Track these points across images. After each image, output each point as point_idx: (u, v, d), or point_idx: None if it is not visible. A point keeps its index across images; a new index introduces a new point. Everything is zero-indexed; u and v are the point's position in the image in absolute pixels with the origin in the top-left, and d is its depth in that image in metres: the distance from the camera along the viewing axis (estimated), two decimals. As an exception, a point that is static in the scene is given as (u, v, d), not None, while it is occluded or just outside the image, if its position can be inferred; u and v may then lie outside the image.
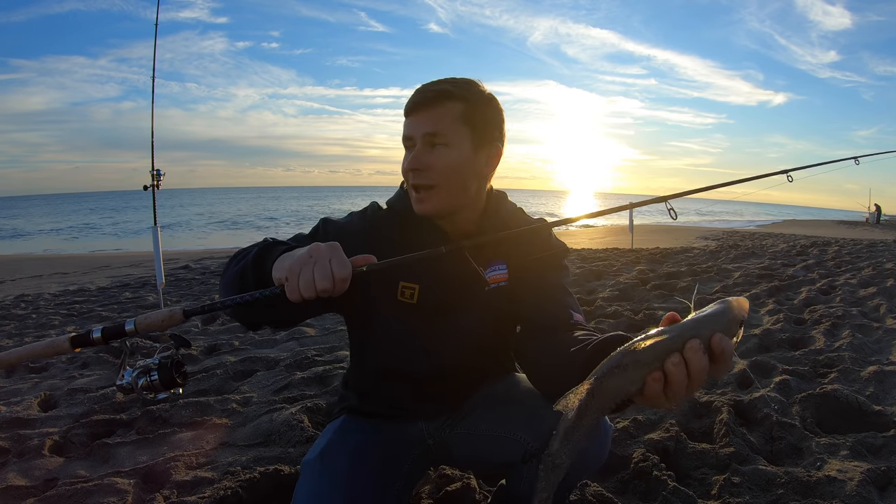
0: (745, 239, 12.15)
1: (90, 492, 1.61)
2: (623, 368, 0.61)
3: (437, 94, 1.00)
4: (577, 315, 1.03)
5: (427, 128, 1.00)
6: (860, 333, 3.17)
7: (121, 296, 5.36)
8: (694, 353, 0.59)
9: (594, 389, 0.61)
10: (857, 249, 8.72)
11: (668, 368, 0.60)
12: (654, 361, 0.60)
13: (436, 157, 1.01)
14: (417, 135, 1.01)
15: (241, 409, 2.30)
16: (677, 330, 0.61)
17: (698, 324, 0.61)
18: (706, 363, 0.59)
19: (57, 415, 2.28)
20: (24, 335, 3.82)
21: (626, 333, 0.83)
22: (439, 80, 1.04)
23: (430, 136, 1.00)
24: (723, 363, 0.60)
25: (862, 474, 1.55)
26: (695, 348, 0.59)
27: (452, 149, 1.01)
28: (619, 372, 0.61)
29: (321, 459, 1.08)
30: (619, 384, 0.61)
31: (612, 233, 14.58)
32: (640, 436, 1.87)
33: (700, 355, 0.59)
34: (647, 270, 5.88)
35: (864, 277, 5.30)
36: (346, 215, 1.16)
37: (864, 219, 28.73)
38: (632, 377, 0.61)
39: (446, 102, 1.01)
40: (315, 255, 0.79)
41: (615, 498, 1.52)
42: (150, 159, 3.72)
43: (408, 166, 1.02)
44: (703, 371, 0.59)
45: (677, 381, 0.59)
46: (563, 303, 1.03)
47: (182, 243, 15.29)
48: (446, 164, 1.01)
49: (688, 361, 0.59)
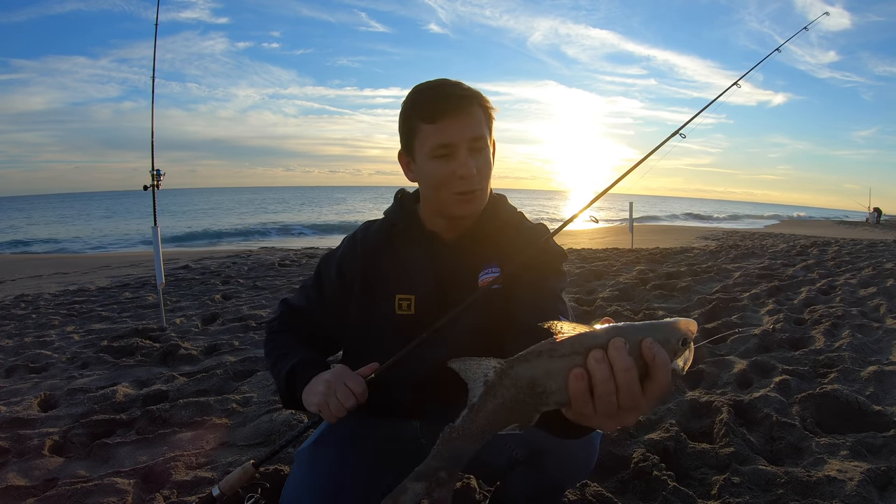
0: (745, 239, 12.15)
1: (90, 492, 1.61)
2: (538, 355, 0.55)
3: (467, 98, 1.01)
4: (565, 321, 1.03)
5: (472, 132, 1.00)
6: (860, 333, 3.17)
7: (121, 296, 5.36)
8: (617, 351, 0.54)
9: (504, 370, 0.55)
10: (857, 249, 8.73)
11: (589, 364, 0.54)
12: (572, 354, 0.54)
13: (480, 160, 1.02)
14: (462, 140, 1.00)
15: (241, 409, 2.30)
16: (607, 327, 0.55)
17: (632, 327, 0.55)
18: (631, 366, 0.54)
19: (57, 415, 2.28)
20: (24, 335, 3.82)
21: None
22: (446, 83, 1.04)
23: (475, 140, 1.01)
24: (656, 376, 0.54)
25: (862, 474, 1.55)
26: (618, 346, 0.54)
27: (488, 151, 1.05)
28: (532, 358, 0.55)
29: (314, 448, 1.13)
30: (532, 373, 0.55)
31: (612, 233, 14.58)
32: (640, 436, 1.87)
33: (623, 354, 0.53)
34: (647, 270, 5.88)
35: (864, 277, 5.30)
36: (342, 241, 1.20)
37: (864, 219, 28.74)
38: (547, 367, 0.55)
39: (475, 107, 1.02)
40: (332, 386, 0.99)
41: (615, 498, 1.52)
42: (150, 159, 3.72)
43: (464, 172, 1.00)
44: (628, 374, 0.53)
45: (601, 382, 0.53)
46: (553, 309, 1.01)
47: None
48: (488, 166, 1.05)
49: (611, 360, 0.54)
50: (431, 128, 1.00)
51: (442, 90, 1.02)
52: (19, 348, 3.47)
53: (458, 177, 1.00)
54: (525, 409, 0.56)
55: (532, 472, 1.09)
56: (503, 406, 0.56)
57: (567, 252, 1.15)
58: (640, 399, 0.55)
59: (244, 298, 5.01)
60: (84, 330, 3.93)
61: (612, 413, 0.56)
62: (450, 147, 1.00)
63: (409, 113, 1.04)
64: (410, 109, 1.04)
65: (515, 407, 0.56)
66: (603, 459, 1.75)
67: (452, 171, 1.00)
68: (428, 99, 1.01)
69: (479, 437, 0.58)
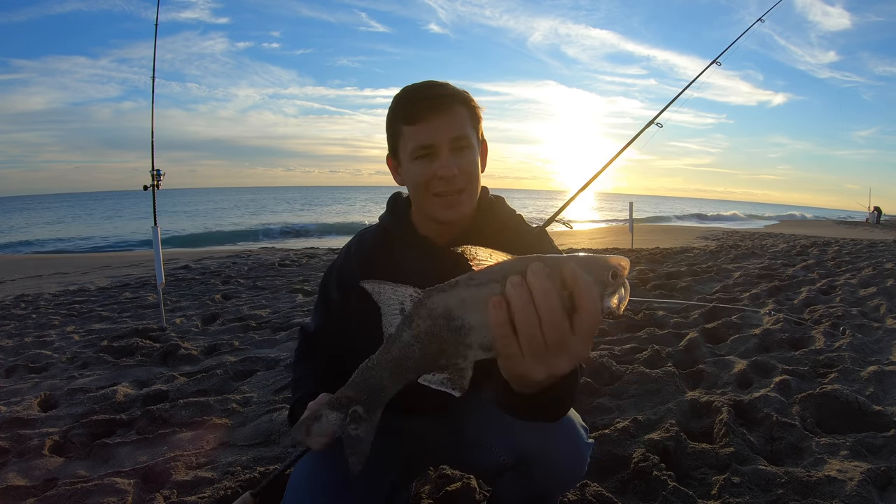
0: (745, 239, 12.15)
1: (90, 492, 1.61)
2: (454, 285, 0.52)
3: (448, 98, 1.00)
4: None
5: (453, 132, 0.99)
6: (860, 333, 3.17)
7: (121, 296, 5.37)
8: (535, 275, 0.50)
9: (420, 300, 0.53)
10: (857, 249, 8.73)
11: (507, 290, 0.50)
12: (490, 283, 0.51)
13: (463, 160, 1.01)
14: (443, 140, 0.99)
15: (241, 409, 2.30)
16: (528, 256, 0.52)
17: (555, 256, 0.52)
18: (551, 289, 0.50)
19: (57, 415, 2.28)
20: (24, 335, 3.82)
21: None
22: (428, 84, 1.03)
23: (456, 139, 0.99)
24: (582, 305, 0.51)
25: (862, 474, 1.55)
26: (536, 270, 0.50)
27: (472, 150, 1.03)
28: (449, 288, 0.52)
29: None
30: (448, 303, 0.52)
31: (612, 233, 14.58)
32: (640, 436, 1.87)
33: (542, 278, 0.50)
34: (647, 270, 5.88)
35: (864, 277, 5.30)
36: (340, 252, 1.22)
37: (864, 219, 28.76)
38: (463, 296, 0.51)
39: (457, 106, 1.01)
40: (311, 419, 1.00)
41: (615, 498, 1.52)
42: (150, 159, 3.72)
43: (446, 172, 0.98)
44: (548, 298, 0.50)
45: (520, 309, 0.50)
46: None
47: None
48: (472, 165, 1.02)
49: (530, 285, 0.50)
50: (412, 129, 1.00)
51: (422, 91, 1.01)
52: (19, 348, 3.47)
53: (439, 177, 0.99)
54: (445, 347, 0.53)
55: (520, 478, 1.09)
56: (419, 339, 0.53)
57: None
58: (568, 334, 0.52)
59: (244, 298, 5.01)
60: (84, 330, 3.93)
61: (540, 352, 0.52)
62: (430, 147, 0.99)
63: (391, 116, 1.04)
64: (393, 112, 1.04)
65: (433, 343, 0.53)
66: (603, 459, 1.75)
67: (433, 171, 0.99)
68: (408, 101, 1.01)
69: (395, 372, 0.55)
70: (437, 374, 0.55)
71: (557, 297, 0.50)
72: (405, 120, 1.00)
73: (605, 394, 2.32)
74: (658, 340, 3.11)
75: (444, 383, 0.55)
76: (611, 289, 0.53)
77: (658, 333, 3.24)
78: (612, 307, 0.54)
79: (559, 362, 0.53)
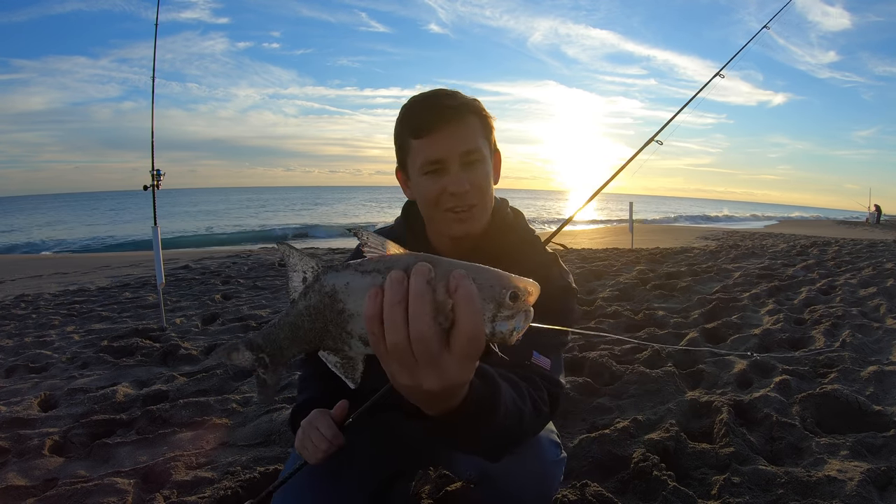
0: (745, 239, 12.15)
1: (90, 492, 1.61)
2: (346, 267, 0.51)
3: (457, 109, 0.95)
4: (542, 359, 0.91)
5: (464, 146, 0.95)
6: (860, 333, 3.17)
7: (121, 296, 5.37)
8: (416, 276, 0.46)
9: (318, 273, 0.52)
10: (857, 249, 8.73)
11: (386, 284, 0.47)
12: (374, 272, 0.49)
13: (475, 174, 0.97)
14: (453, 155, 0.95)
15: (241, 409, 2.30)
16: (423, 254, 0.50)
17: (452, 262, 0.49)
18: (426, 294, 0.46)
19: (57, 415, 2.28)
20: (24, 335, 3.82)
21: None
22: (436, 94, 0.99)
23: (467, 153, 0.96)
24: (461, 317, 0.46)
25: (862, 474, 1.55)
26: (421, 270, 0.46)
27: (484, 164, 0.99)
28: (341, 269, 0.51)
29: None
30: (335, 283, 0.51)
31: (612, 233, 14.58)
32: (640, 436, 1.87)
33: (422, 280, 0.46)
34: (647, 270, 5.88)
35: (864, 277, 5.30)
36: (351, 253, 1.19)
37: (864, 219, 28.76)
38: (349, 280, 0.50)
39: (468, 117, 0.97)
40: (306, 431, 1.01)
41: (615, 498, 1.52)
42: (150, 159, 3.72)
43: (457, 188, 0.95)
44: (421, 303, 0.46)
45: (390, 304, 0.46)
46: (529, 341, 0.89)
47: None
48: (485, 179, 0.98)
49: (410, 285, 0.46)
50: (420, 143, 0.96)
51: (430, 102, 0.97)
52: (19, 348, 3.47)
53: (450, 193, 0.96)
54: (329, 329, 0.52)
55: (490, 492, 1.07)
56: (308, 312, 0.53)
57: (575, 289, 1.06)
58: (438, 349, 0.47)
59: (244, 298, 5.01)
60: (84, 330, 3.93)
61: (407, 361, 0.48)
62: (440, 162, 0.95)
63: (399, 129, 1.00)
64: (400, 125, 1.00)
65: (319, 320, 0.52)
66: (603, 459, 1.75)
67: (443, 187, 0.96)
68: (416, 113, 0.97)
69: (291, 336, 0.55)
70: (332, 356, 0.54)
71: (431, 305, 0.46)
72: (413, 133, 0.96)
73: (605, 394, 2.32)
74: (658, 340, 3.11)
75: (338, 367, 0.54)
76: (506, 312, 0.48)
77: (658, 333, 3.24)
78: (503, 332, 0.48)
79: (427, 378, 0.49)
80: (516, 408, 0.75)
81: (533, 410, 0.81)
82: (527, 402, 0.80)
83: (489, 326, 0.48)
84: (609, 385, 2.41)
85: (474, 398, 0.60)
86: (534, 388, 0.84)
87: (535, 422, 0.82)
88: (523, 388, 0.81)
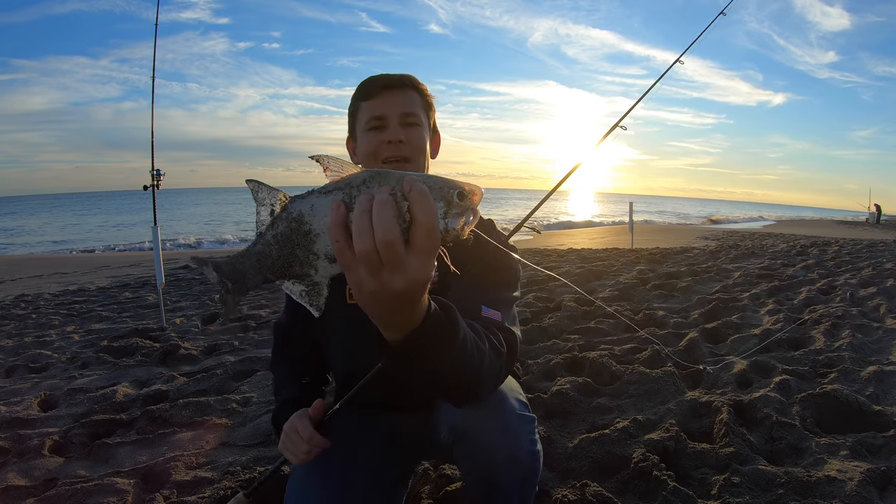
0: (745, 239, 12.15)
1: (90, 492, 1.61)
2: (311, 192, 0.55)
3: (401, 80, 1.11)
4: (492, 311, 0.96)
5: (403, 108, 1.10)
6: (860, 333, 3.17)
7: (121, 296, 5.36)
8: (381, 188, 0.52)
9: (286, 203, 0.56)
10: (857, 249, 8.73)
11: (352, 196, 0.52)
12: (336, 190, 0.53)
13: (412, 133, 1.10)
14: (393, 113, 1.09)
15: (241, 409, 2.30)
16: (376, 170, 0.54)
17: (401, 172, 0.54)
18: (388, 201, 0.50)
19: (57, 415, 2.28)
20: (24, 335, 3.82)
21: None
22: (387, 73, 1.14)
23: (406, 115, 1.09)
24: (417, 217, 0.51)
25: (862, 474, 1.55)
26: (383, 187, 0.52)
27: (422, 128, 1.13)
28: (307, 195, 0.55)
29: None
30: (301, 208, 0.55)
31: (612, 233, 14.58)
32: (640, 436, 1.87)
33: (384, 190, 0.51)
34: (647, 270, 5.88)
35: (864, 277, 5.30)
36: None
37: (864, 219, 28.77)
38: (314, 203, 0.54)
39: (410, 90, 1.13)
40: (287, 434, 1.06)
41: (615, 498, 1.52)
42: (150, 159, 3.72)
43: (392, 137, 1.07)
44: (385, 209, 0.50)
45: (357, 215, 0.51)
46: (476, 296, 0.97)
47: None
48: (421, 140, 1.11)
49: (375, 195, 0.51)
50: (367, 104, 1.11)
51: (380, 76, 1.13)
52: (19, 348, 3.47)
53: (387, 142, 1.07)
54: (297, 253, 0.55)
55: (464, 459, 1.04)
56: (277, 239, 0.55)
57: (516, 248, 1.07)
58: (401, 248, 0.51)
59: (244, 298, 5.01)
60: (84, 330, 3.93)
61: (374, 265, 0.51)
62: (382, 119, 1.09)
63: (352, 99, 1.15)
64: (354, 96, 1.15)
65: (287, 246, 0.55)
66: (603, 459, 1.75)
67: (382, 140, 1.08)
68: (366, 82, 1.12)
69: (257, 266, 0.57)
70: (297, 284, 0.57)
71: (393, 209, 0.50)
72: (361, 97, 1.11)
73: (605, 394, 2.32)
74: (658, 340, 3.11)
75: (303, 296, 0.57)
76: (455, 209, 0.54)
77: (658, 333, 3.24)
78: (455, 228, 0.54)
79: (393, 279, 0.52)
80: (475, 341, 0.76)
81: (491, 349, 0.83)
82: (484, 340, 0.81)
83: (441, 223, 0.53)
84: (609, 385, 2.41)
85: (435, 316, 0.63)
86: (489, 332, 0.86)
87: (495, 360, 0.83)
88: (479, 328, 0.83)
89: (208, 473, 1.75)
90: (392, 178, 0.53)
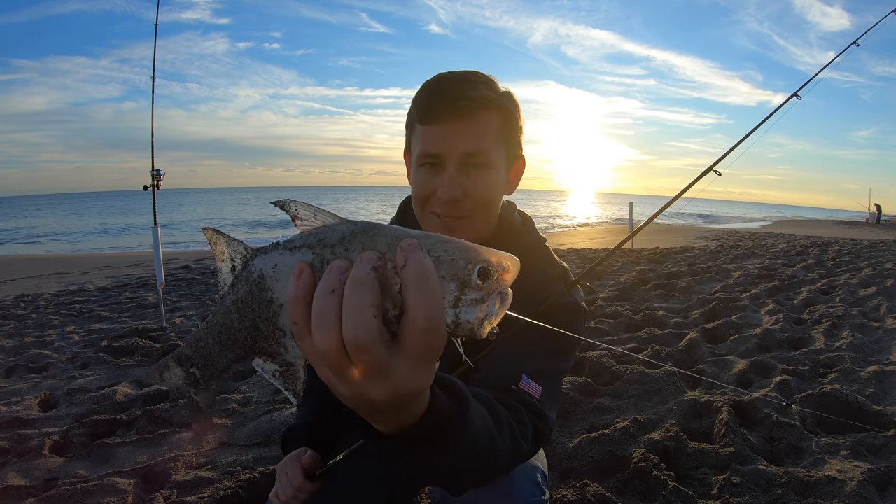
0: (745, 239, 12.15)
1: (90, 492, 1.61)
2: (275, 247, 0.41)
3: (476, 102, 0.81)
4: (532, 384, 0.77)
5: (469, 145, 0.82)
6: (860, 333, 3.17)
7: (121, 296, 5.36)
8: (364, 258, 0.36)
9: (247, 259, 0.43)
10: (857, 249, 8.73)
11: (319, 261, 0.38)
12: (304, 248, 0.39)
13: (475, 181, 0.83)
14: (453, 153, 0.82)
15: (241, 409, 2.30)
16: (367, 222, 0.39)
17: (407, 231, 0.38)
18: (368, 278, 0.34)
19: (57, 415, 2.28)
20: (24, 335, 3.82)
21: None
22: (464, 75, 0.85)
23: (470, 155, 0.82)
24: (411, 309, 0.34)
25: (862, 474, 1.55)
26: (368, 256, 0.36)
27: (492, 170, 0.85)
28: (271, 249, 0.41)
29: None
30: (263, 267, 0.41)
31: (612, 233, 14.58)
32: (640, 436, 1.87)
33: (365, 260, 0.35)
34: (647, 270, 5.88)
35: (864, 277, 5.30)
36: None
37: (864, 219, 28.78)
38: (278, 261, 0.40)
39: (486, 113, 0.82)
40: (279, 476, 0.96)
41: (615, 498, 1.52)
42: (150, 159, 3.72)
43: (445, 195, 0.82)
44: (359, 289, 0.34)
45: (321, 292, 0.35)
46: (519, 361, 0.78)
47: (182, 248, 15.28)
48: (487, 191, 0.85)
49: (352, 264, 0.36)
50: (424, 130, 0.84)
51: (447, 86, 0.83)
52: (19, 348, 3.47)
53: (439, 197, 0.83)
54: (260, 326, 0.42)
55: None
56: (237, 307, 0.42)
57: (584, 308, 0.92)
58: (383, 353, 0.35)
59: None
60: (84, 330, 3.93)
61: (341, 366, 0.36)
62: (437, 158, 0.83)
63: (411, 107, 0.88)
64: (413, 104, 0.87)
65: (248, 316, 0.42)
66: (603, 459, 1.75)
67: (434, 188, 0.84)
68: (429, 95, 0.84)
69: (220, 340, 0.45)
70: (269, 363, 0.43)
71: (373, 293, 0.34)
72: (419, 117, 0.85)
73: (605, 394, 2.32)
74: (658, 340, 3.11)
75: (276, 377, 0.43)
76: (473, 294, 0.36)
77: (658, 333, 3.24)
78: (470, 322, 0.36)
79: (372, 388, 0.36)
80: (490, 435, 0.60)
81: (511, 444, 0.66)
82: (504, 434, 0.65)
83: (451, 314, 0.36)
84: (609, 385, 2.41)
85: (439, 411, 0.46)
86: (517, 419, 0.69)
87: (510, 457, 0.67)
88: (504, 416, 0.66)
89: (208, 473, 1.75)
90: (383, 240, 0.37)
